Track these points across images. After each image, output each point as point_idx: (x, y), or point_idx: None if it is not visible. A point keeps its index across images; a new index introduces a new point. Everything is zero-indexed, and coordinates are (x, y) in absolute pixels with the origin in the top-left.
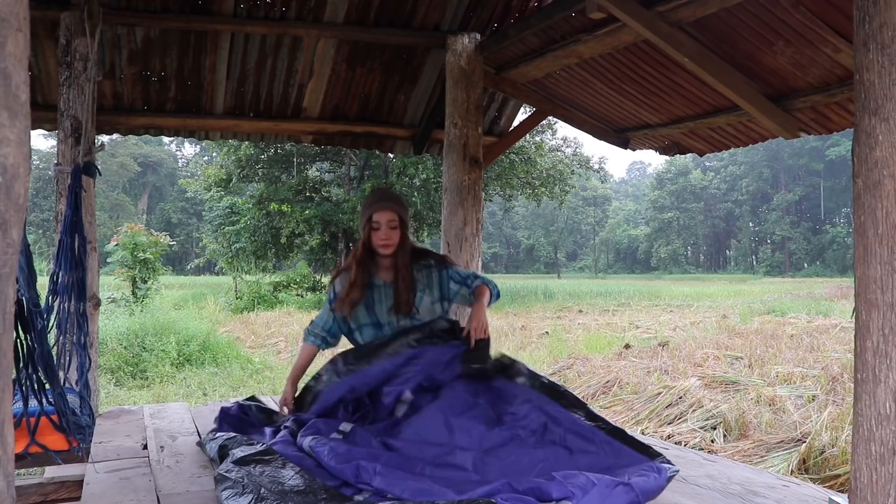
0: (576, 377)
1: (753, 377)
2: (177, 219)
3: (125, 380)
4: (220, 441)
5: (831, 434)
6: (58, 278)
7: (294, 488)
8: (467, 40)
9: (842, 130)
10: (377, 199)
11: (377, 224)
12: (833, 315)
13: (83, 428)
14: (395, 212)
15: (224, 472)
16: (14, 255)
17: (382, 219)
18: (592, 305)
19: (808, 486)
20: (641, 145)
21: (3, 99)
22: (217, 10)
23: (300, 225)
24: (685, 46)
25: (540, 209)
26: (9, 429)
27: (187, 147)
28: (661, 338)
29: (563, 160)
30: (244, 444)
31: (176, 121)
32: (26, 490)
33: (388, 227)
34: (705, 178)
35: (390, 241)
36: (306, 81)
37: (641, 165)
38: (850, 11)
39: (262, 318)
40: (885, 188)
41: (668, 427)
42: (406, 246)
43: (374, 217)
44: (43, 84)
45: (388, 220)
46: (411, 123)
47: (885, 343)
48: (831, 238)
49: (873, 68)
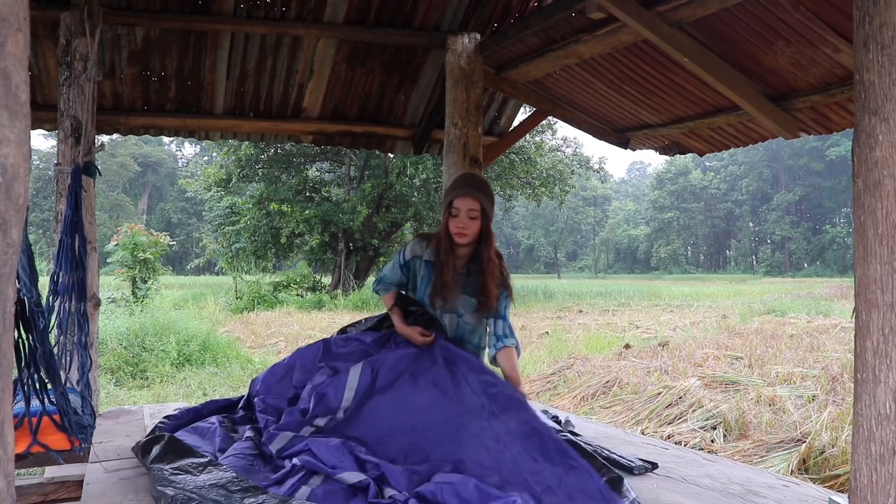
0: (576, 377)
1: (753, 377)
2: (177, 219)
3: (125, 380)
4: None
5: (831, 434)
6: (58, 278)
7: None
8: (467, 40)
9: (842, 130)
10: (461, 184)
11: (456, 210)
12: (833, 315)
13: (85, 428)
14: (478, 200)
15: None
16: (14, 255)
17: (463, 206)
18: (592, 305)
19: (808, 486)
20: (641, 145)
21: (3, 99)
22: (217, 10)
23: (300, 225)
24: (685, 46)
25: (540, 209)
26: (9, 429)
27: (187, 147)
28: (661, 338)
29: (563, 160)
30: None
31: (176, 121)
32: (26, 490)
33: (467, 216)
34: (705, 178)
35: (467, 231)
36: (306, 81)
37: (641, 165)
38: (850, 11)
39: (262, 318)
40: (885, 188)
41: (668, 427)
42: (488, 241)
43: (454, 203)
44: (43, 84)
45: (468, 208)
46: (411, 123)
47: (885, 343)
48: (831, 238)
49: (873, 68)
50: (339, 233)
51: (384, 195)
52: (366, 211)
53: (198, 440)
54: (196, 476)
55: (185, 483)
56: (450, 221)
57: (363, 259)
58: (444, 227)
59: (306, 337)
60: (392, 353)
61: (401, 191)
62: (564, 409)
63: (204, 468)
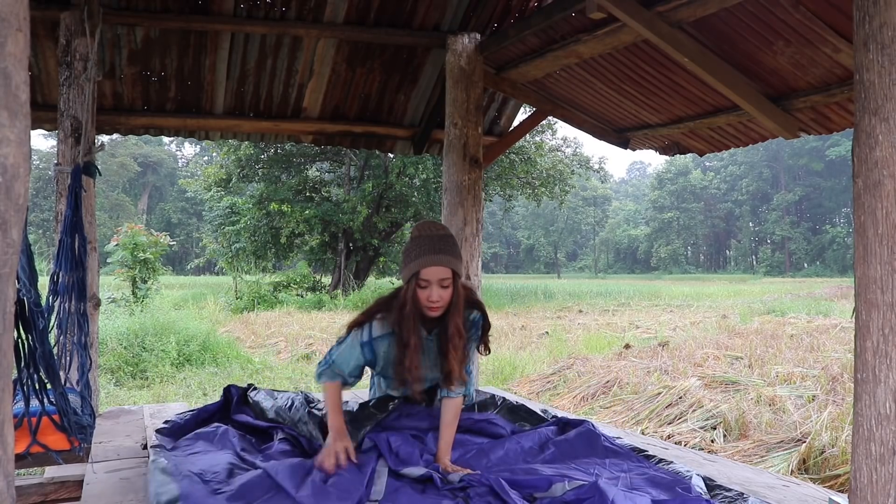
0: (576, 377)
1: (753, 377)
2: (177, 219)
3: (125, 380)
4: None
5: (831, 434)
6: (58, 278)
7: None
8: (467, 40)
9: (842, 130)
10: (426, 251)
11: (426, 283)
12: (833, 315)
13: (84, 428)
14: (449, 266)
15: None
16: (14, 255)
17: (433, 277)
18: (592, 305)
19: (808, 486)
20: (641, 145)
21: (3, 99)
22: (217, 10)
23: (300, 225)
24: (685, 46)
25: (540, 209)
26: (9, 429)
27: (187, 147)
28: (661, 338)
29: (563, 160)
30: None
31: (176, 121)
32: (26, 490)
33: (439, 286)
34: (705, 178)
35: (441, 303)
36: (306, 81)
37: (641, 165)
38: (850, 11)
39: (262, 318)
40: (885, 188)
41: (668, 427)
42: (458, 307)
43: (421, 274)
44: (43, 84)
45: (439, 278)
46: (411, 123)
47: (885, 343)
48: (831, 238)
49: (873, 68)
50: (339, 233)
51: (384, 195)
52: (366, 211)
53: (207, 446)
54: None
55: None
56: (418, 293)
57: (363, 259)
58: (412, 299)
59: (306, 337)
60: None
61: (401, 191)
62: (564, 409)
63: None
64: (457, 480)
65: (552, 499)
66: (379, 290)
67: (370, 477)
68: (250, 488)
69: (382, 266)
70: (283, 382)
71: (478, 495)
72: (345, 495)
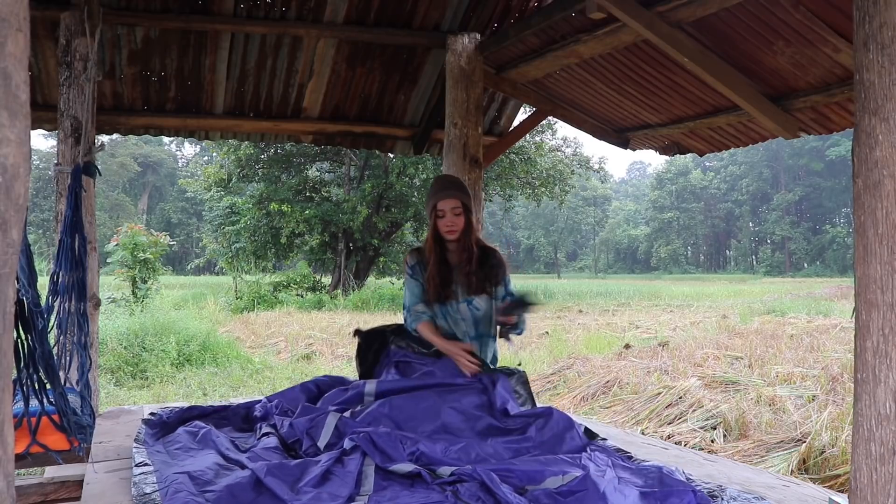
0: (576, 377)
1: (753, 377)
2: (177, 219)
3: (125, 380)
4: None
5: (831, 434)
6: (58, 278)
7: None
8: (467, 40)
9: (842, 130)
10: (440, 188)
11: (442, 212)
12: (833, 315)
13: (84, 428)
14: (458, 199)
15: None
16: (14, 255)
17: (447, 206)
18: (592, 305)
19: (808, 486)
20: (641, 145)
21: (3, 99)
22: (217, 10)
23: (300, 225)
24: (685, 46)
25: (540, 209)
26: (9, 429)
27: (187, 147)
28: (661, 338)
29: (563, 160)
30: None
31: (176, 121)
32: (26, 490)
33: (452, 214)
34: (705, 178)
35: (455, 227)
36: (306, 81)
37: (641, 165)
38: (850, 11)
39: (262, 318)
40: (885, 188)
41: (668, 427)
42: (472, 230)
43: (438, 206)
44: (43, 84)
45: (451, 207)
46: (411, 123)
47: (885, 343)
48: (831, 238)
49: (873, 68)
50: (339, 233)
51: (384, 195)
52: (366, 211)
53: (191, 443)
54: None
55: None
56: (437, 223)
57: (363, 259)
58: (433, 231)
59: (306, 337)
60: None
61: (401, 191)
62: (564, 410)
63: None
64: (447, 475)
65: (543, 490)
66: (379, 290)
67: (357, 477)
68: (240, 489)
69: (382, 266)
70: (283, 382)
71: (467, 489)
72: (334, 496)
